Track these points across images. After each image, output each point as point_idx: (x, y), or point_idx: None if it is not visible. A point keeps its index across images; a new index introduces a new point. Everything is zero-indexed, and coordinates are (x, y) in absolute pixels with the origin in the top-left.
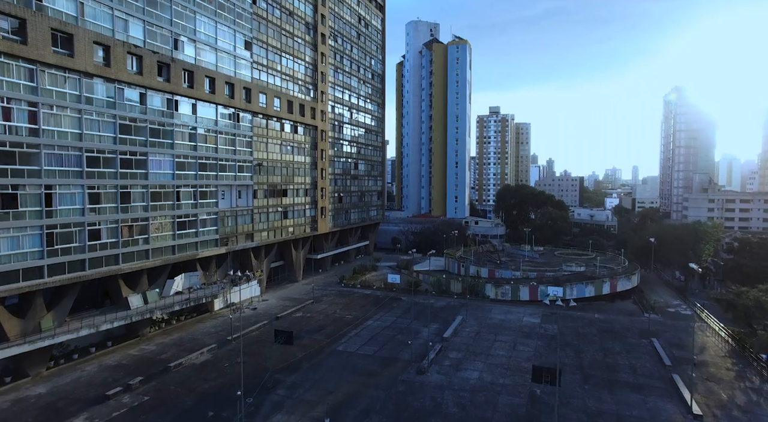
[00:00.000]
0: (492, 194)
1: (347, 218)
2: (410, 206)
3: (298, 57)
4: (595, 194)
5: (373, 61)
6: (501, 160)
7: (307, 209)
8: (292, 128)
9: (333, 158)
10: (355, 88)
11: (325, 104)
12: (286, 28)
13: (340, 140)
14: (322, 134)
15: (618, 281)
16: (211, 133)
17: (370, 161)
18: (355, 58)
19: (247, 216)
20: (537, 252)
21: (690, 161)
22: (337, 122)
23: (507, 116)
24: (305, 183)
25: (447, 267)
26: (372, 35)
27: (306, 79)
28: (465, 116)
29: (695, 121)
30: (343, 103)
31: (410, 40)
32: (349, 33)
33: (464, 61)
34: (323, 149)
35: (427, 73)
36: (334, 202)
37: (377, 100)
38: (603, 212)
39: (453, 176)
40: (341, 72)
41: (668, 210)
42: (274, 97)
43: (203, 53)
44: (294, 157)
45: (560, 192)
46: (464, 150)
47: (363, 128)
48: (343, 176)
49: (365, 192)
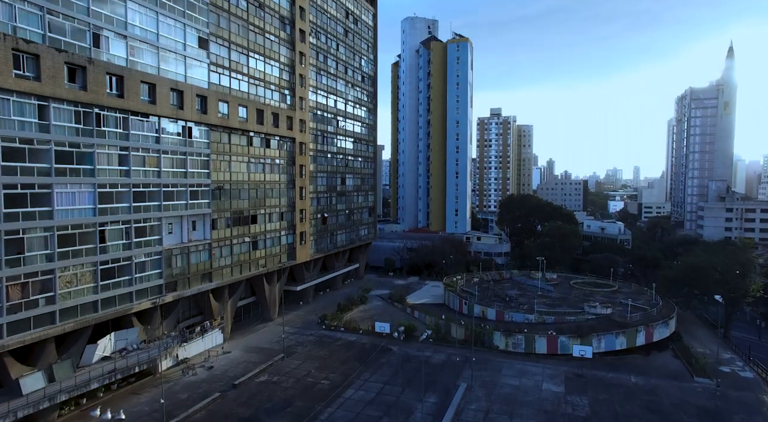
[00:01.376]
0: (493, 199)
1: (333, 242)
2: (407, 219)
3: (271, 57)
4: (597, 197)
5: (364, 61)
6: (503, 164)
7: (283, 235)
8: (262, 142)
9: (315, 173)
10: (341, 93)
11: (304, 112)
12: (255, 23)
13: (323, 152)
14: (302, 146)
15: (654, 328)
16: (151, 153)
17: (360, 175)
18: (341, 59)
19: (204, 252)
20: (550, 281)
21: (705, 168)
22: (320, 132)
23: (509, 117)
24: (280, 206)
25: (446, 301)
26: (362, 32)
27: (281, 84)
28: (466, 121)
29: (711, 124)
30: (327, 110)
31: (406, 38)
32: (335, 30)
33: (465, 61)
34: (303, 165)
35: (424, 74)
36: (316, 224)
37: (368, 105)
38: (615, 225)
39: (453, 188)
40: (325, 74)
41: (681, 219)
42: (239, 106)
43: (139, 53)
44: (265, 176)
45: (563, 196)
46: (465, 159)
47: (351, 138)
48: (328, 194)
49: (354, 210)
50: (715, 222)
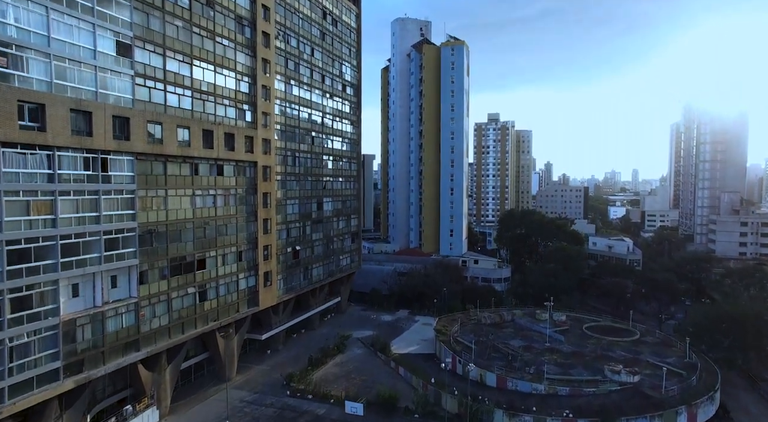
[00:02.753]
0: (491, 208)
1: (307, 277)
2: (397, 238)
3: (224, 66)
4: (597, 202)
5: (345, 68)
6: (501, 171)
7: (242, 278)
8: (212, 170)
9: (284, 201)
10: (317, 105)
11: (269, 130)
12: (201, 24)
13: (295, 175)
14: (266, 171)
15: (698, 408)
16: (41, 196)
17: (341, 197)
18: (317, 66)
19: (129, 314)
20: (559, 325)
21: (716, 178)
22: (290, 153)
23: (507, 123)
24: (238, 244)
25: (437, 352)
26: (343, 35)
27: (238, 98)
28: (462, 132)
29: (722, 131)
30: (300, 125)
31: (396, 41)
32: (309, 32)
33: (461, 65)
34: (267, 193)
35: (416, 80)
36: (285, 260)
37: (351, 117)
38: (623, 243)
39: (447, 206)
40: (296, 84)
41: (690, 232)
42: (179, 128)
43: (16, 62)
44: (217, 210)
45: (564, 204)
46: (461, 174)
47: (330, 156)
48: (301, 223)
49: (334, 237)
50: (728, 237)
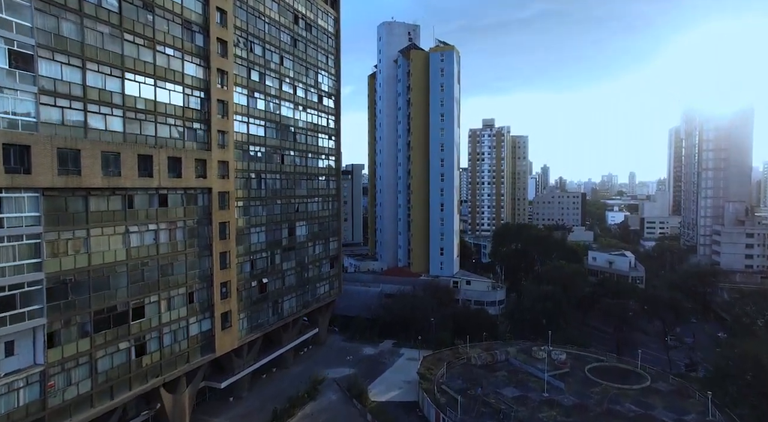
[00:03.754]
0: (486, 216)
1: (277, 312)
2: (385, 256)
3: (168, 79)
4: (594, 207)
5: (322, 77)
6: (496, 178)
7: (193, 323)
8: (151, 201)
9: (247, 230)
10: (287, 119)
11: (227, 151)
12: (135, 31)
13: (260, 200)
14: (223, 197)
15: None
16: None
17: (317, 219)
18: (288, 76)
19: (31, 387)
20: (559, 365)
21: (720, 187)
22: (254, 175)
23: (502, 128)
24: (187, 284)
25: (420, 403)
26: (319, 41)
27: (186, 115)
28: (452, 143)
29: (726, 138)
30: (266, 143)
31: (383, 46)
32: (277, 38)
33: (451, 72)
34: (226, 222)
35: (403, 87)
36: (249, 295)
37: (329, 131)
38: (624, 259)
39: (437, 223)
40: (262, 97)
41: (692, 243)
42: (105, 154)
43: None
44: (158, 248)
45: (561, 211)
46: (452, 188)
47: (304, 175)
48: (268, 252)
49: (310, 264)
50: (733, 249)
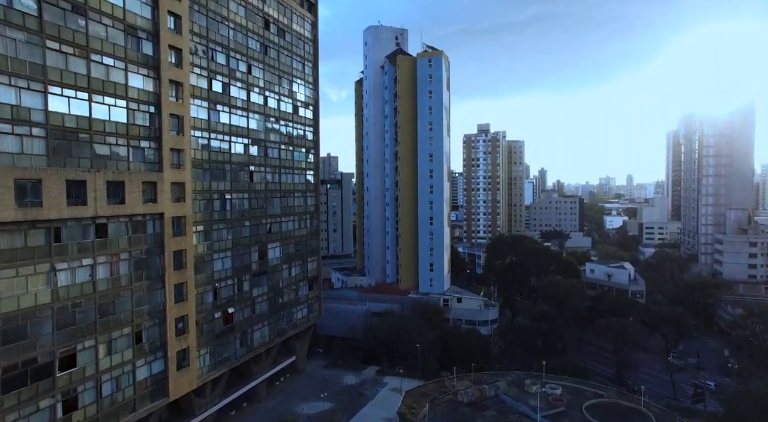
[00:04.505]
0: (482, 224)
1: (246, 343)
2: (373, 270)
3: (106, 92)
4: (592, 211)
5: (298, 86)
6: (492, 184)
7: (141, 366)
8: (86, 232)
9: (208, 255)
10: (257, 133)
11: (183, 171)
12: (63, 38)
13: (224, 222)
14: (178, 223)
15: None
16: None
17: (294, 239)
18: (257, 85)
19: None
20: (554, 404)
21: (721, 194)
22: (216, 195)
23: (498, 134)
24: (133, 322)
25: None
26: (294, 48)
27: (132, 133)
28: (441, 153)
29: (727, 144)
30: (231, 160)
31: (369, 51)
32: (244, 45)
33: (439, 78)
34: (182, 250)
35: (390, 95)
36: (212, 328)
37: (306, 144)
38: (623, 271)
39: (426, 237)
40: (227, 109)
41: (694, 252)
42: (20, 182)
43: None
44: (96, 285)
45: (558, 216)
46: (441, 201)
47: (278, 192)
48: (235, 279)
49: (284, 288)
50: (736, 258)
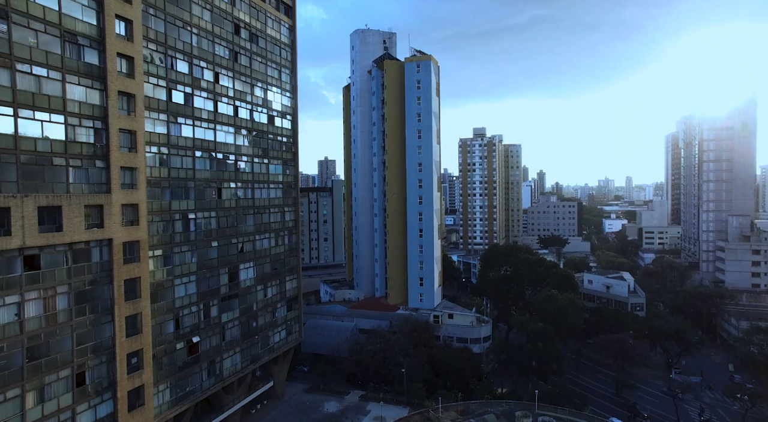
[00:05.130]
0: (479, 229)
1: (214, 373)
2: (362, 284)
3: (37, 106)
4: (591, 214)
5: (274, 94)
6: (488, 189)
7: (84, 411)
8: (11, 266)
9: (169, 281)
10: (226, 146)
11: (136, 191)
12: None
13: (188, 243)
14: (131, 249)
15: None
16: None
17: (270, 258)
18: (226, 95)
19: None
20: None
21: (722, 199)
22: (178, 216)
23: (494, 138)
24: (74, 363)
25: None
26: (269, 54)
27: (72, 151)
28: (431, 162)
29: (728, 148)
30: (195, 177)
31: (356, 55)
32: (211, 52)
33: (428, 84)
34: (136, 278)
35: (378, 101)
36: (173, 361)
37: (281, 156)
38: (622, 283)
39: (416, 249)
40: (189, 122)
41: (695, 259)
42: None
43: None
44: (24, 325)
45: (557, 220)
46: (431, 211)
47: (251, 209)
48: (201, 305)
49: (259, 311)
50: (739, 266)
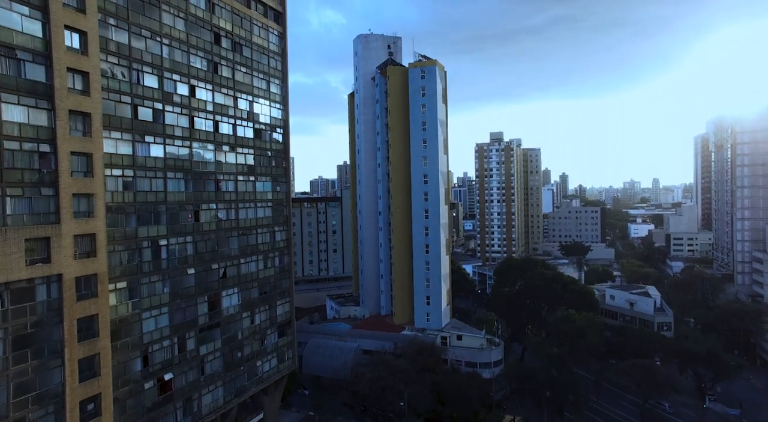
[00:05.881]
0: (497, 237)
1: (191, 412)
2: (367, 301)
3: None
4: (615, 219)
5: (261, 106)
6: (506, 195)
7: None
8: None
9: (134, 316)
10: (202, 165)
11: (93, 220)
12: None
13: (157, 273)
14: (87, 284)
15: None
16: None
17: (259, 282)
18: (203, 110)
19: None
20: None
21: (759, 207)
22: (147, 242)
23: (512, 142)
24: (11, 418)
25: None
26: (256, 64)
27: (10, 179)
28: (437, 174)
29: (764, 152)
30: (168, 199)
31: (359, 61)
32: (185, 64)
33: (433, 91)
34: (93, 315)
35: (382, 109)
36: (139, 402)
37: (270, 172)
38: (648, 300)
39: (422, 266)
40: (159, 141)
41: (729, 270)
42: None
43: None
44: None
45: (579, 226)
46: (438, 226)
47: (235, 231)
48: (175, 337)
49: (246, 339)
50: None
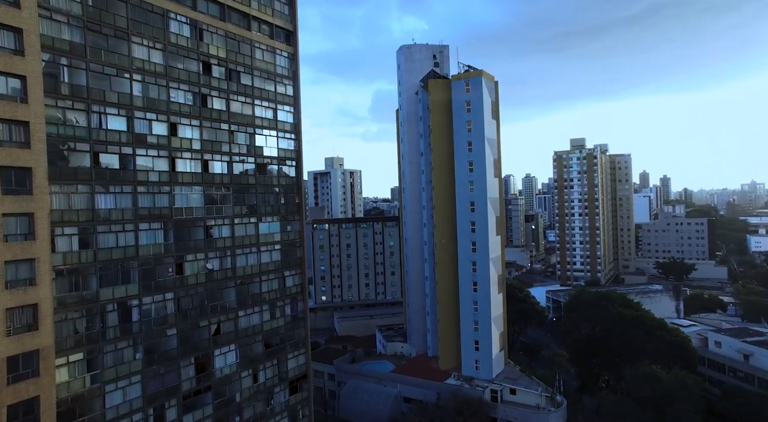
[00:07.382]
0: (579, 255)
1: None
2: (414, 338)
3: None
4: (730, 229)
5: (265, 139)
6: (590, 208)
7: None
8: None
9: (94, 390)
10: (186, 211)
11: (34, 289)
12: None
13: (126, 339)
14: (24, 362)
15: None
16: None
17: (263, 334)
18: (188, 149)
19: None
20: None
21: None
22: (113, 305)
23: (595, 149)
24: None
25: None
26: (257, 92)
27: None
28: (485, 200)
29: None
30: (140, 254)
31: (402, 75)
32: (163, 100)
33: (479, 106)
34: (35, 397)
35: (425, 127)
36: None
37: (278, 211)
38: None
39: (470, 307)
40: (129, 189)
41: None
42: None
43: None
44: None
45: (679, 241)
46: (486, 261)
47: (232, 280)
48: (149, 409)
49: (245, 401)
50: None
